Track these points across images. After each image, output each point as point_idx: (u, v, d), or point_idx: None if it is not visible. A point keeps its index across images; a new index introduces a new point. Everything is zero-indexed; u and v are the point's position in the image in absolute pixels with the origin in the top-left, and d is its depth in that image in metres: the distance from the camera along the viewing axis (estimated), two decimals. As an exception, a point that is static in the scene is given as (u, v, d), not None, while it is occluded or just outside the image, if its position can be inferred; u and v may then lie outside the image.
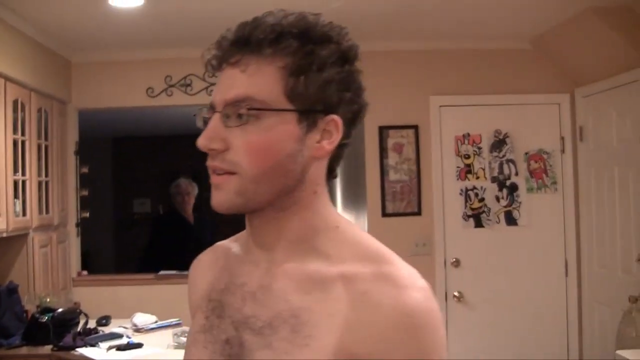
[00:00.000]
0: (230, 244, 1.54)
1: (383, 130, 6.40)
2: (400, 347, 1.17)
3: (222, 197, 1.32)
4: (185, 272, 6.02)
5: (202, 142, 1.31)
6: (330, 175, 1.43)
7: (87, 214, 6.86)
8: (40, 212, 5.82)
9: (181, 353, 4.29)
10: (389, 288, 1.21)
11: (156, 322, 5.20)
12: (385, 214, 6.38)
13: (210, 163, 1.32)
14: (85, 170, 6.80)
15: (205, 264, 1.56)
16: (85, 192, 6.82)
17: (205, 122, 1.35)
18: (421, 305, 1.20)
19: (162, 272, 6.61)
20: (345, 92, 1.37)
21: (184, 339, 4.38)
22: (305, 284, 1.28)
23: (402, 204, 6.40)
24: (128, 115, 8.91)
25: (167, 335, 4.64)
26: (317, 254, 1.31)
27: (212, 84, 6.42)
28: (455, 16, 5.66)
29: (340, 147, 1.40)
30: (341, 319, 1.21)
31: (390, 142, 6.41)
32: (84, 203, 6.84)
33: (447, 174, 6.41)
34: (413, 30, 6.09)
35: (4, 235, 5.17)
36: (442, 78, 6.45)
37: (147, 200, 12.75)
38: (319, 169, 1.39)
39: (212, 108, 1.34)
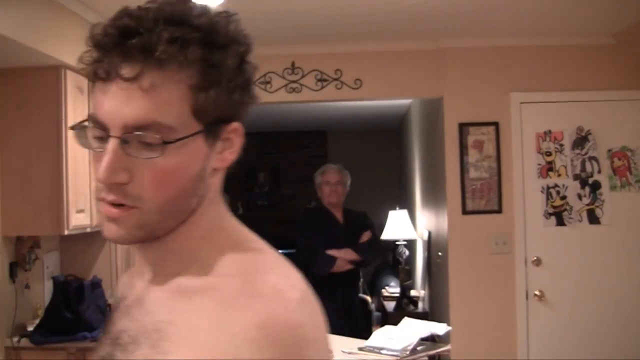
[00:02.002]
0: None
1: (463, 127, 6.35)
2: None
3: (121, 232, 1.17)
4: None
5: (104, 176, 1.13)
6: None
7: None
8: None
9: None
10: (252, 300, 1.10)
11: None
12: (465, 212, 6.32)
13: (105, 197, 1.15)
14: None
15: (128, 276, 1.41)
16: (166, 188, 6.89)
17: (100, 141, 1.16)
18: (279, 317, 1.08)
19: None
20: (246, 95, 1.25)
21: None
22: (175, 295, 1.18)
23: (482, 202, 6.34)
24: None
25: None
26: (194, 264, 1.20)
27: (293, 82, 6.46)
28: (536, 12, 5.58)
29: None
30: (200, 334, 1.10)
31: (471, 139, 6.34)
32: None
33: (527, 172, 6.32)
34: (493, 26, 6.03)
35: (88, 230, 5.26)
36: (523, 74, 6.36)
37: (226, 197, 12.85)
38: (218, 177, 1.28)
39: (99, 126, 1.15)
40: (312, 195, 12.82)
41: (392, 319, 6.60)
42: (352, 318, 6.06)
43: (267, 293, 1.11)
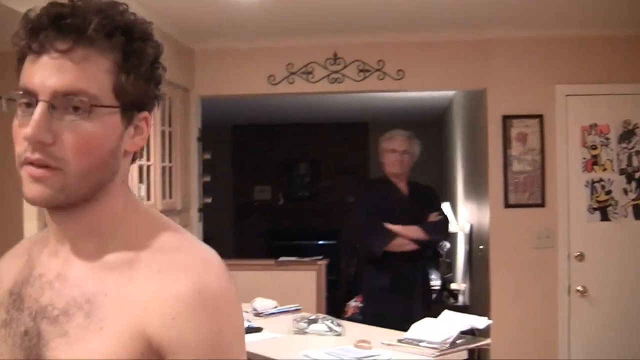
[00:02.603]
0: (35, 238, 1.49)
1: (507, 120, 6.28)
2: (192, 326, 1.22)
3: (44, 192, 1.25)
4: (305, 259, 5.97)
5: (31, 133, 1.22)
6: (133, 162, 1.42)
7: (210, 200, 6.94)
8: (163, 196, 5.93)
9: (300, 338, 4.28)
10: (182, 269, 1.25)
11: (276, 307, 5.21)
12: (507, 205, 6.26)
13: (30, 155, 1.24)
14: (207, 156, 6.89)
15: (11, 260, 1.48)
16: (207, 178, 6.91)
17: (28, 106, 1.26)
18: (211, 283, 1.25)
19: (282, 259, 6.64)
20: (157, 90, 1.38)
21: (303, 325, 4.39)
22: (100, 269, 1.29)
23: (524, 195, 6.26)
24: (247, 102, 9.00)
25: (286, 320, 4.64)
26: (115, 240, 1.32)
27: (335, 72, 6.43)
28: (583, 1, 5.49)
29: None
30: (134, 301, 1.24)
31: (514, 132, 6.27)
32: (206, 189, 6.93)
33: (572, 165, 6.23)
34: (538, 16, 5.94)
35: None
36: (569, 66, 6.27)
37: (267, 188, 12.89)
38: (128, 161, 1.38)
39: (28, 94, 1.26)
40: (352, 187, 12.87)
41: (432, 311, 6.56)
42: (411, 307, 5.34)
43: (197, 263, 1.28)
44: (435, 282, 8.23)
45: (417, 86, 6.73)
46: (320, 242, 12.30)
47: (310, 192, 12.90)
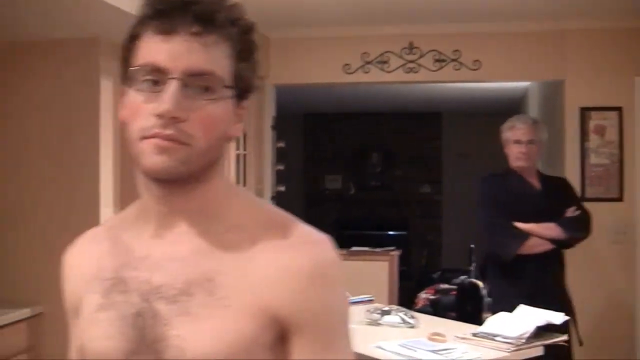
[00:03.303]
0: (112, 224, 1.54)
1: (584, 112, 6.18)
2: (316, 298, 1.31)
3: (169, 163, 1.30)
4: (378, 250, 5.91)
5: (168, 108, 1.28)
6: None
7: (283, 188, 6.97)
8: (237, 184, 5.96)
9: (373, 330, 4.25)
10: (299, 245, 1.33)
11: (348, 297, 5.22)
12: (584, 199, 6.15)
13: (161, 131, 1.29)
14: (281, 144, 6.91)
15: (87, 247, 1.53)
16: (281, 167, 6.93)
17: (156, 83, 1.32)
18: (328, 256, 1.34)
19: (354, 248, 6.63)
20: (255, 80, 1.43)
21: (376, 316, 4.37)
22: (214, 249, 1.34)
23: (602, 189, 6.16)
24: (319, 91, 9.00)
25: (359, 311, 4.62)
26: (222, 220, 1.37)
27: (410, 62, 6.39)
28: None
29: None
30: (257, 279, 1.30)
31: (592, 124, 6.17)
32: (279, 177, 6.96)
33: (652, 159, 6.11)
34: (617, 6, 5.84)
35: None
36: (649, 58, 6.15)
37: (338, 177, 12.88)
38: (227, 147, 1.45)
39: (157, 71, 1.31)
40: (424, 177, 12.82)
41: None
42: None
43: (311, 239, 1.35)
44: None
45: (494, 77, 6.66)
46: (391, 232, 12.27)
47: (382, 181, 12.85)
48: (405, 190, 12.62)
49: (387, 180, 12.83)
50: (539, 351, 3.84)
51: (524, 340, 3.77)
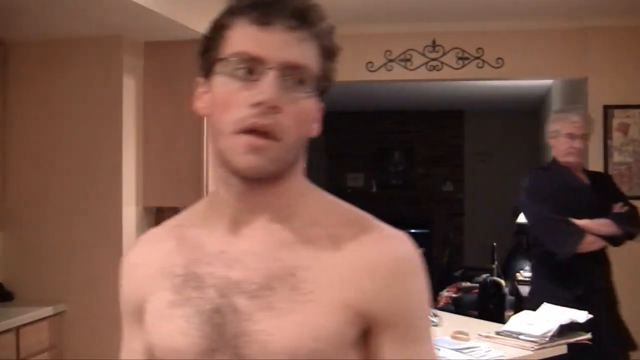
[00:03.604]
0: (177, 222, 1.52)
1: (608, 110, 6.15)
2: (402, 294, 1.31)
3: (262, 162, 1.29)
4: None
5: (268, 97, 1.28)
6: None
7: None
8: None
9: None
10: (378, 241, 1.32)
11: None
12: (607, 197, 6.13)
13: (259, 120, 1.28)
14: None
15: (145, 253, 1.51)
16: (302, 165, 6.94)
17: (249, 72, 1.32)
18: (410, 252, 1.34)
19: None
20: (330, 83, 1.42)
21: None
22: (295, 244, 1.33)
23: (625, 187, 6.12)
24: (341, 89, 8.98)
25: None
26: (302, 216, 1.37)
27: (433, 59, 6.38)
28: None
29: None
30: (341, 274, 1.29)
31: (615, 122, 6.15)
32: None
33: (675, 157, 6.07)
34: (638, 4, 5.81)
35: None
36: (672, 55, 6.11)
37: (360, 175, 12.87)
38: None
39: (253, 60, 1.31)
40: (446, 175, 12.80)
41: (526, 303, 6.47)
42: (600, 320, 4.07)
43: (391, 235, 1.35)
44: (529, 273, 8.12)
45: (517, 75, 6.64)
46: (413, 230, 12.25)
47: (403, 180, 12.84)
48: (427, 188, 12.59)
49: (409, 179, 12.82)
50: (562, 350, 3.83)
51: (547, 339, 3.76)
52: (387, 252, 1.31)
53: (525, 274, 8.24)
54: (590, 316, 3.96)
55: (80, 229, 4.92)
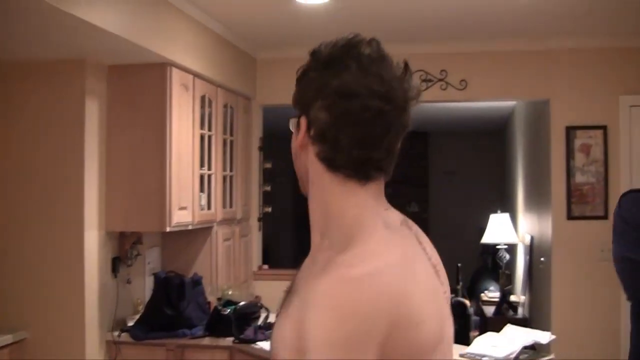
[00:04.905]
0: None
1: (570, 131, 6.21)
2: (303, 321, 1.29)
3: None
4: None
5: None
6: None
7: (270, 209, 6.96)
8: (224, 206, 5.95)
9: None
10: (323, 273, 1.32)
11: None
12: (570, 217, 6.18)
13: None
14: (268, 165, 6.91)
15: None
16: (268, 188, 6.93)
17: None
18: (326, 289, 1.28)
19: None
20: None
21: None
22: (309, 260, 1.54)
23: (587, 207, 6.18)
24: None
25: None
26: (327, 238, 1.52)
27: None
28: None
29: None
30: (302, 294, 1.38)
31: (577, 143, 6.20)
32: (266, 198, 6.95)
33: (636, 177, 6.11)
34: (601, 27, 5.87)
35: (190, 227, 5.31)
36: (633, 77, 6.17)
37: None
38: None
39: None
40: (411, 196, 12.83)
41: (491, 324, 6.49)
42: None
43: (337, 266, 1.31)
44: (494, 294, 8.16)
45: (480, 96, 6.67)
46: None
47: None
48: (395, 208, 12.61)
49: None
50: (526, 371, 3.85)
51: (511, 360, 3.77)
52: (316, 284, 1.31)
53: (489, 294, 8.28)
54: (553, 337, 3.99)
55: (41, 253, 4.86)
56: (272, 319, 5.22)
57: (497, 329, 4.24)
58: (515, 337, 3.96)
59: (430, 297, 1.41)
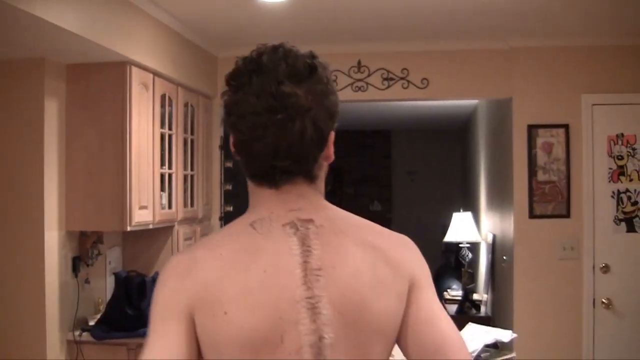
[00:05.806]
0: None
1: (532, 129, 6.22)
2: None
3: None
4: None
5: None
6: None
7: (231, 208, 6.92)
8: (185, 205, 5.91)
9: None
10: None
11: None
12: (532, 216, 6.20)
13: None
14: (229, 164, 6.87)
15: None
16: (229, 187, 6.89)
17: None
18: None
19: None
20: None
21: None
22: None
23: (549, 206, 6.20)
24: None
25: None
26: None
27: (358, 80, 6.40)
28: (609, 11, 5.43)
29: None
30: None
31: (540, 142, 6.22)
32: (227, 197, 6.91)
33: (598, 176, 6.16)
34: (564, 25, 5.89)
35: (150, 227, 5.27)
36: (595, 76, 6.20)
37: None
38: None
39: None
40: (375, 195, 12.85)
41: (453, 322, 6.49)
42: None
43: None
44: (457, 292, 8.18)
45: (442, 95, 6.67)
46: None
47: (332, 200, 12.81)
48: (357, 208, 12.57)
49: (337, 199, 12.83)
50: (488, 369, 3.84)
51: (472, 359, 3.76)
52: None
53: (452, 292, 8.30)
54: (515, 335, 3.99)
55: (0, 253, 4.80)
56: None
57: (460, 327, 4.23)
58: (476, 335, 3.95)
59: (254, 295, 1.51)
